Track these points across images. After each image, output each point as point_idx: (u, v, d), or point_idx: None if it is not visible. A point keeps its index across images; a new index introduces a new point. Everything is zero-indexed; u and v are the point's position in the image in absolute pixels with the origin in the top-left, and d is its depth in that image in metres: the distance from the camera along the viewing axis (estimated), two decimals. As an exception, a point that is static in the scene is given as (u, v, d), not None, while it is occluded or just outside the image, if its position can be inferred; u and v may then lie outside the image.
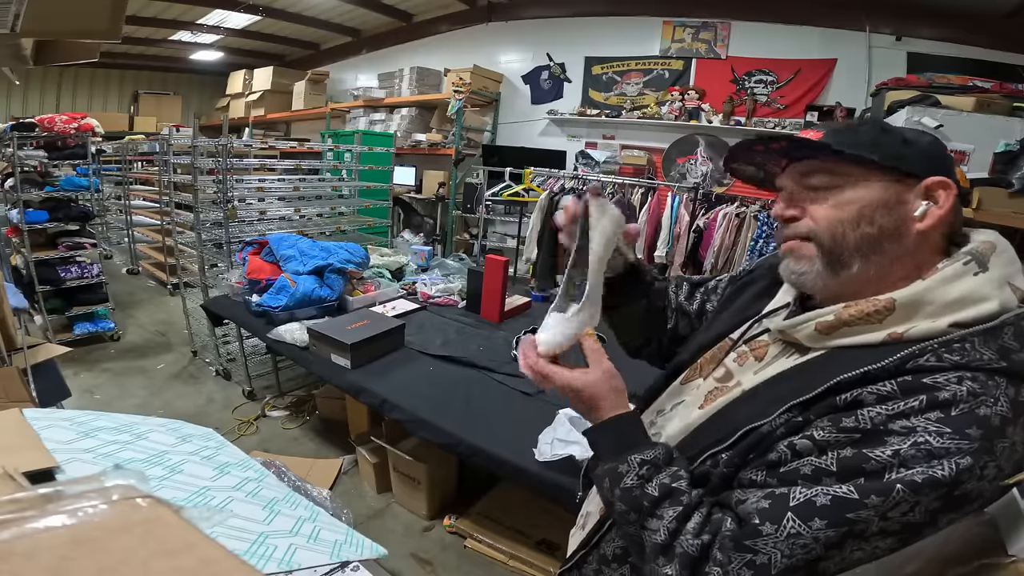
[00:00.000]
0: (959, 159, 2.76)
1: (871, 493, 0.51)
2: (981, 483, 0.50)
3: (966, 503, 0.51)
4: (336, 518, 0.84)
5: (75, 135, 3.54)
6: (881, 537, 0.53)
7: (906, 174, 0.59)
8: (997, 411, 0.50)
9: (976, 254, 0.56)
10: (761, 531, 0.54)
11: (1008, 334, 0.53)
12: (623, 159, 4.85)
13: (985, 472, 0.50)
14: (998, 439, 0.50)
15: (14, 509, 0.42)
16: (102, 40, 1.53)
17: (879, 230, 0.59)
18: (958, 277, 0.55)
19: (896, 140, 0.61)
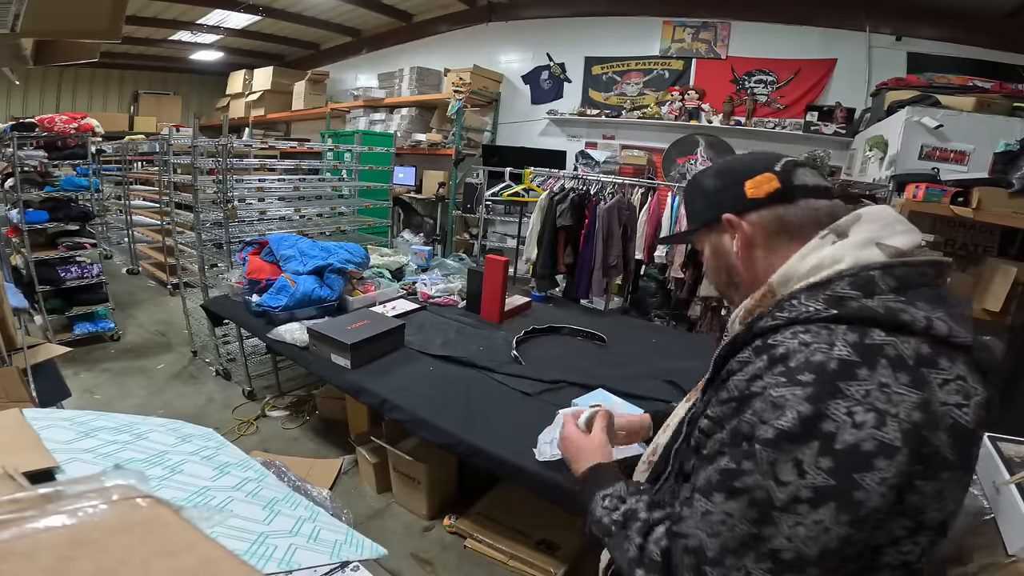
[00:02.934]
0: (959, 159, 2.76)
1: (743, 459, 0.55)
2: (864, 431, 0.51)
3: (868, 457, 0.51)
4: (336, 518, 0.84)
5: (75, 135, 3.54)
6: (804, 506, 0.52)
7: (711, 223, 0.73)
8: (834, 355, 0.53)
9: (836, 228, 0.64)
10: (684, 517, 0.60)
11: (842, 284, 0.59)
12: (623, 159, 4.84)
13: (856, 418, 0.51)
14: (844, 381, 0.52)
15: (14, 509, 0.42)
16: (102, 40, 1.53)
17: (726, 274, 0.75)
18: (814, 249, 0.63)
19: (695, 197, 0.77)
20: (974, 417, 0.55)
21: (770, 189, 0.69)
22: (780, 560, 0.54)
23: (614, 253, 3.21)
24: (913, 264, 0.60)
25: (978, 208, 2.43)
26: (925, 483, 0.54)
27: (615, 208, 3.23)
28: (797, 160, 0.71)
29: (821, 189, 0.70)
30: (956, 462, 0.54)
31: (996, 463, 1.24)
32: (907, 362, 0.53)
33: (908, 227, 0.64)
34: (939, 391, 0.54)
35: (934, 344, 0.55)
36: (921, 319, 0.55)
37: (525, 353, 2.13)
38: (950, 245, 2.75)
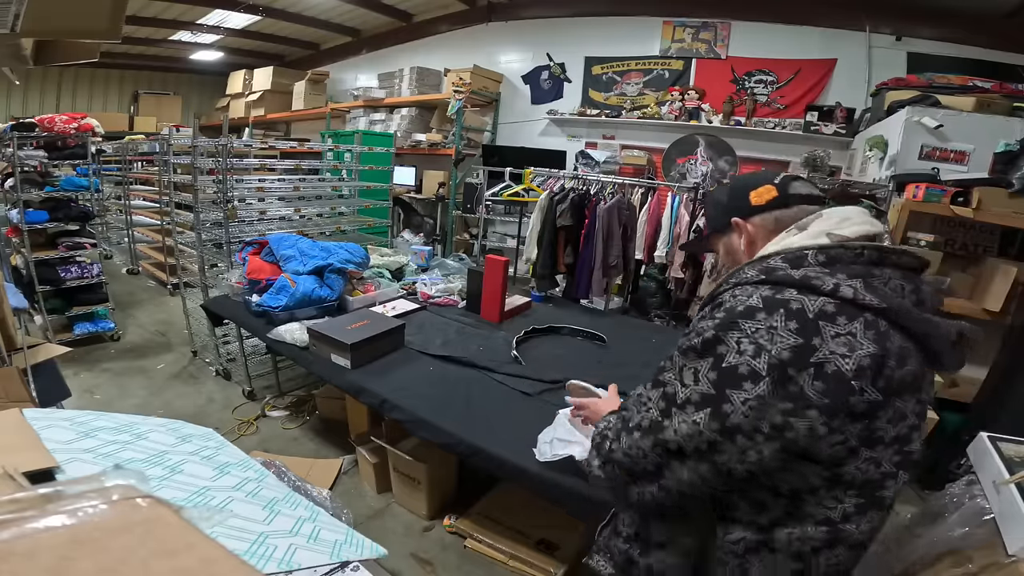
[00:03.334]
0: (959, 159, 2.76)
1: (667, 361, 0.78)
2: (743, 357, 0.67)
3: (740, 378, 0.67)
4: (336, 518, 0.84)
5: (75, 135, 3.54)
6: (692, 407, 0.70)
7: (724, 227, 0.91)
8: (745, 303, 0.70)
9: (800, 224, 0.80)
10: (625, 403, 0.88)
11: (776, 259, 0.75)
12: (623, 159, 4.85)
13: (742, 347, 0.67)
14: (742, 319, 0.69)
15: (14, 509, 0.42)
16: (102, 40, 1.53)
17: (732, 262, 0.92)
18: (778, 241, 0.80)
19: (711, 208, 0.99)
20: (854, 367, 0.65)
21: (769, 197, 0.85)
22: (667, 450, 0.72)
23: (614, 253, 3.21)
24: (849, 247, 0.73)
25: (978, 208, 2.43)
26: (796, 420, 0.66)
27: (615, 208, 3.23)
28: (793, 175, 0.89)
29: (813, 197, 0.85)
30: (825, 404, 0.65)
31: (996, 463, 1.24)
32: (806, 314, 0.67)
33: (863, 220, 0.77)
34: (830, 341, 0.65)
35: (840, 304, 0.67)
36: (830, 284, 0.68)
37: (525, 353, 2.13)
38: (950, 245, 2.75)
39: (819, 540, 0.73)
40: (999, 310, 2.42)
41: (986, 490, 1.22)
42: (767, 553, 0.75)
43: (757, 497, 0.73)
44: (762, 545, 0.75)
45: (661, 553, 0.85)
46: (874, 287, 0.69)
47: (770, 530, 0.74)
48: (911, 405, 0.72)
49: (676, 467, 0.72)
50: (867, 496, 0.73)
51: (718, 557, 0.78)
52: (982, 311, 2.51)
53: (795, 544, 0.74)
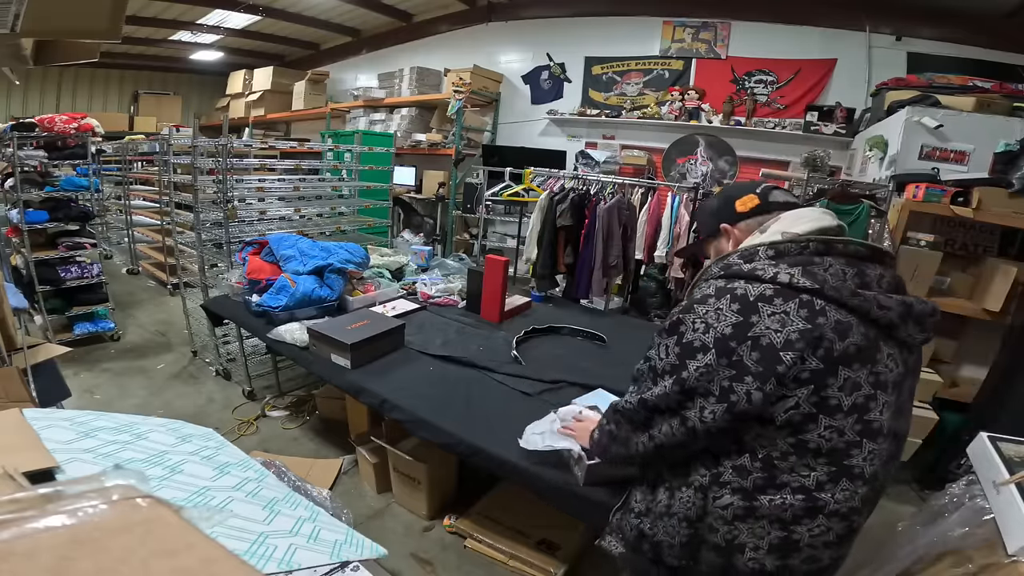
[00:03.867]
0: (959, 159, 2.76)
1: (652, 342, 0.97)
2: (696, 334, 0.86)
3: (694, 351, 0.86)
4: (336, 518, 0.84)
5: (75, 135, 3.53)
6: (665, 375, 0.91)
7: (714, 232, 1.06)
8: (703, 292, 0.90)
9: (763, 228, 0.96)
10: None
11: (734, 256, 0.92)
12: (623, 159, 4.85)
13: (695, 325, 0.87)
14: (698, 305, 0.88)
15: (14, 509, 0.42)
16: (102, 40, 1.53)
17: None
18: (745, 244, 0.94)
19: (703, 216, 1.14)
20: (783, 339, 0.80)
21: (752, 204, 1.00)
22: (648, 407, 0.94)
23: (614, 253, 3.21)
24: (796, 241, 0.87)
25: (978, 208, 2.43)
26: (736, 384, 0.82)
27: (615, 208, 3.23)
28: (773, 185, 1.04)
29: (790, 204, 1.00)
30: (758, 372, 0.80)
31: (996, 463, 1.24)
32: (748, 298, 0.83)
33: (816, 218, 0.91)
34: (765, 318, 0.81)
35: (777, 289, 0.82)
36: (771, 272, 0.83)
37: (525, 353, 2.13)
38: (950, 245, 2.75)
39: (798, 508, 0.84)
40: (999, 310, 2.42)
41: (986, 490, 1.22)
42: (753, 520, 0.86)
43: (738, 463, 0.87)
44: (748, 513, 0.86)
45: (667, 521, 0.96)
46: (812, 273, 0.82)
47: (754, 496, 0.85)
48: (864, 375, 0.82)
49: (658, 420, 0.92)
50: (836, 464, 0.83)
51: (709, 524, 0.90)
52: (982, 311, 2.51)
53: (776, 511, 0.84)
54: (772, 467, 0.84)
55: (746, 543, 0.87)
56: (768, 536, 0.86)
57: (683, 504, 0.93)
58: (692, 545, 0.93)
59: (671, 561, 0.97)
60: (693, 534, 0.93)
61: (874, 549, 1.82)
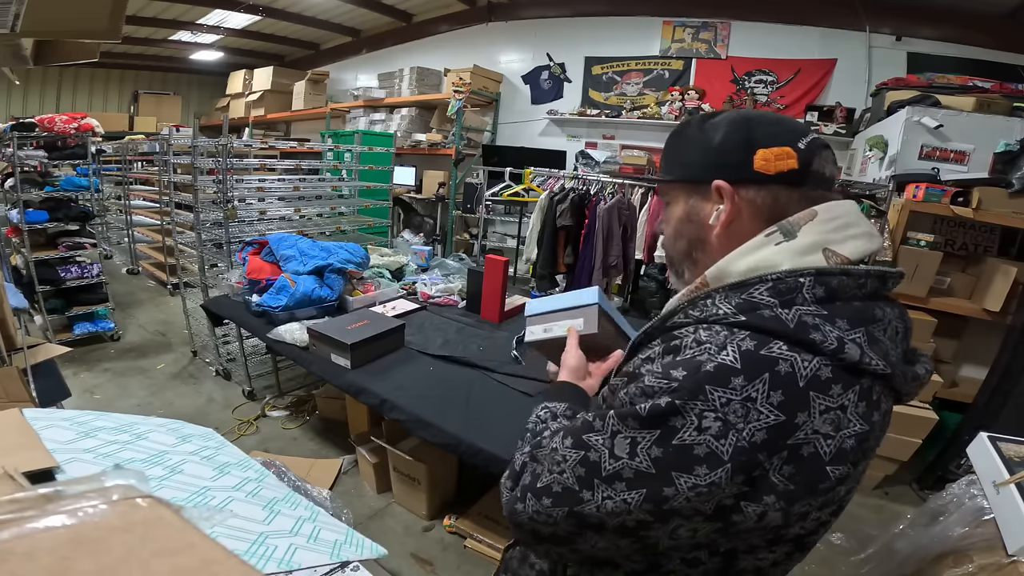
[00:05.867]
0: (959, 159, 2.76)
1: (597, 419, 0.57)
2: (703, 436, 0.50)
3: (692, 460, 0.50)
4: (336, 518, 0.84)
5: (75, 135, 3.53)
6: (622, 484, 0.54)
7: (700, 183, 0.64)
8: (719, 359, 0.51)
9: (785, 226, 0.58)
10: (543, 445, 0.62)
11: (761, 290, 0.54)
12: (623, 159, 4.85)
13: (704, 424, 0.50)
14: (711, 385, 0.50)
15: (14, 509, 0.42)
16: (102, 40, 1.53)
17: (687, 243, 0.67)
18: (755, 248, 0.58)
19: (690, 144, 0.66)
20: (834, 450, 0.51)
21: (784, 167, 0.59)
22: (585, 523, 0.56)
23: (614, 253, 3.22)
24: (854, 274, 0.54)
25: (978, 208, 2.43)
26: (748, 504, 0.52)
27: (615, 208, 3.23)
28: (824, 143, 0.61)
29: (831, 180, 0.62)
30: (789, 490, 0.52)
31: (996, 463, 1.24)
32: (796, 382, 0.50)
33: (866, 230, 0.59)
34: (816, 418, 0.50)
35: (837, 369, 0.51)
36: (833, 340, 0.51)
37: (525, 353, 2.13)
38: (950, 245, 2.75)
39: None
40: (999, 310, 2.42)
41: (986, 490, 1.22)
42: None
43: (692, 555, 0.62)
44: None
45: None
46: (877, 339, 0.53)
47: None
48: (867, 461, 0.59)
49: (591, 537, 0.58)
50: (799, 545, 0.64)
51: None
52: (982, 311, 2.51)
53: None
54: (733, 559, 0.62)
55: None
56: None
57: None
58: None
59: None
60: None
61: (874, 549, 1.82)
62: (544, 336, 0.95)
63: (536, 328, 0.96)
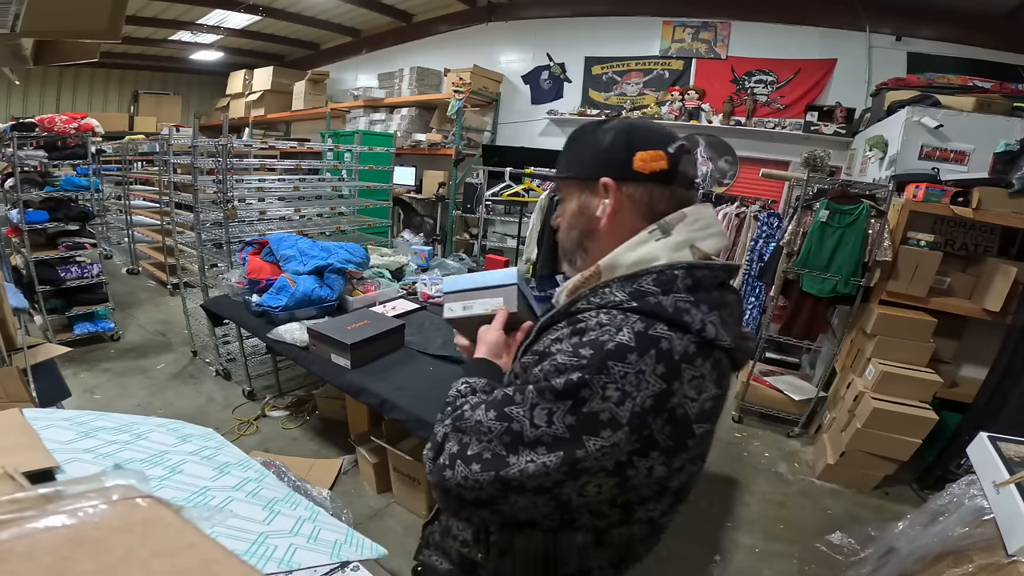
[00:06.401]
0: (959, 159, 2.76)
1: (517, 393, 0.67)
2: (606, 404, 0.62)
3: (599, 425, 0.62)
4: (336, 518, 0.84)
5: (75, 135, 3.54)
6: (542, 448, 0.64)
7: (589, 179, 0.75)
8: (617, 339, 0.62)
9: (663, 224, 0.71)
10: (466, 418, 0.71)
11: (647, 280, 0.67)
12: (623, 159, 4.84)
13: (607, 393, 0.61)
14: (613, 361, 0.61)
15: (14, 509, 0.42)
16: (102, 40, 1.53)
17: (579, 233, 0.78)
18: (640, 244, 0.71)
19: (581, 146, 0.78)
20: (698, 411, 0.65)
21: (656, 168, 0.71)
22: (508, 486, 0.66)
23: (614, 253, 3.21)
24: (711, 267, 0.69)
25: (978, 208, 2.43)
26: (641, 459, 0.65)
27: (615, 208, 3.23)
28: (688, 148, 0.75)
29: (692, 181, 0.76)
30: (669, 446, 0.65)
31: (996, 463, 1.24)
32: (673, 357, 0.63)
33: (720, 230, 0.74)
34: (685, 385, 0.63)
35: (700, 345, 0.64)
36: (698, 321, 0.64)
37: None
38: (950, 245, 2.75)
39: (642, 534, 0.79)
40: (999, 310, 2.42)
41: (986, 490, 1.22)
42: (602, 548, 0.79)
43: (597, 509, 0.73)
44: (599, 543, 0.78)
45: (508, 560, 0.80)
46: (726, 321, 0.67)
47: (606, 532, 0.77)
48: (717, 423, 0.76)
49: (513, 497, 0.68)
50: (678, 496, 0.78)
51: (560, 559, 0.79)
52: (982, 311, 2.51)
53: (623, 539, 0.78)
54: (629, 510, 0.74)
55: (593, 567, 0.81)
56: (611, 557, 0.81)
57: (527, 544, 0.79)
58: None
59: None
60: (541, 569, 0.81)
61: (874, 549, 1.82)
62: (463, 314, 0.99)
63: (455, 305, 1.01)
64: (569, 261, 0.82)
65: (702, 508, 2.32)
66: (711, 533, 2.18)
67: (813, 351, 3.32)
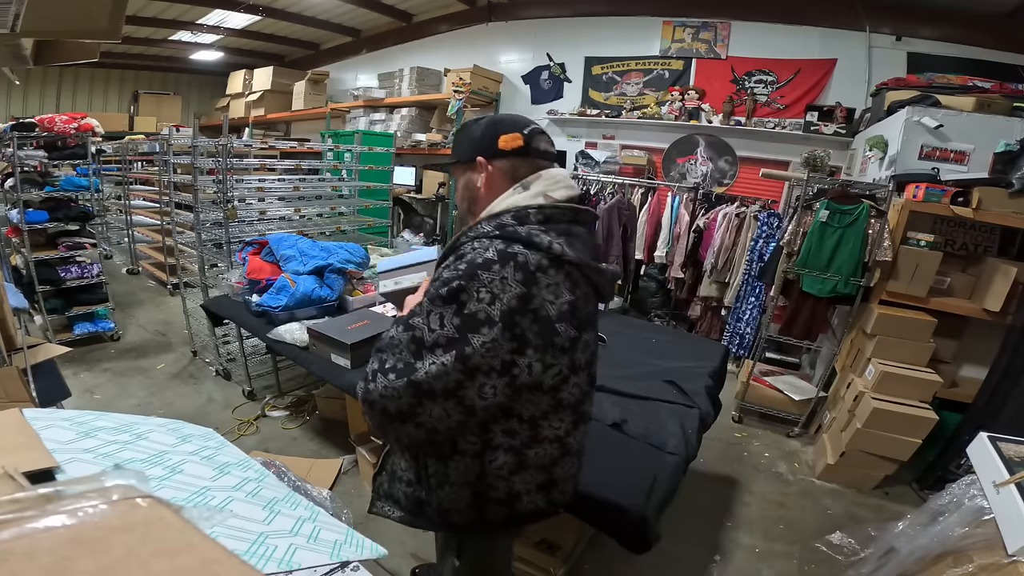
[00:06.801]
0: (959, 159, 2.76)
1: (418, 307, 0.85)
2: (481, 305, 0.80)
3: (479, 323, 0.79)
4: (336, 518, 0.84)
5: (75, 135, 3.53)
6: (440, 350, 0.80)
7: (469, 161, 0.98)
8: (484, 256, 0.82)
9: (523, 183, 0.94)
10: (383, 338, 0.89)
11: (507, 216, 0.88)
12: (623, 159, 4.85)
13: (480, 295, 0.80)
14: (482, 271, 0.80)
15: (14, 509, 0.42)
16: (102, 40, 1.53)
17: (468, 202, 1.01)
18: (506, 197, 0.93)
19: (461, 138, 1.02)
20: (556, 312, 0.84)
21: (515, 145, 0.94)
22: (420, 389, 0.81)
23: (614, 253, 3.21)
24: (559, 207, 0.91)
25: (978, 208, 2.43)
26: (520, 357, 0.82)
27: (615, 208, 3.23)
28: (541, 129, 1.00)
29: (549, 153, 0.99)
30: (539, 343, 0.83)
31: (996, 463, 1.24)
32: (528, 267, 0.81)
33: (570, 184, 0.96)
34: (543, 290, 0.82)
35: (551, 260, 0.84)
36: (546, 242, 0.84)
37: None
38: (950, 245, 2.75)
39: (555, 454, 0.96)
40: (999, 310, 2.42)
41: (986, 490, 1.22)
42: (524, 471, 0.94)
43: (508, 426, 0.90)
44: (520, 466, 0.94)
45: (447, 490, 0.96)
46: (573, 244, 0.87)
47: (523, 452, 0.92)
48: (592, 336, 0.95)
49: (428, 405, 0.82)
50: (576, 413, 0.97)
51: (488, 483, 0.94)
52: (982, 311, 2.51)
53: (540, 460, 0.95)
54: (536, 426, 0.91)
55: (521, 490, 0.96)
56: (536, 480, 0.96)
57: (459, 472, 0.94)
58: (477, 504, 0.97)
59: (459, 520, 1.00)
60: (476, 494, 0.96)
61: (874, 549, 1.82)
62: (395, 288, 1.21)
63: (388, 282, 1.23)
64: (464, 223, 1.01)
65: (702, 508, 2.32)
66: (711, 533, 2.18)
67: (813, 351, 3.32)
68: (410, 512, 1.07)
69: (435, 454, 0.95)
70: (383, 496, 1.14)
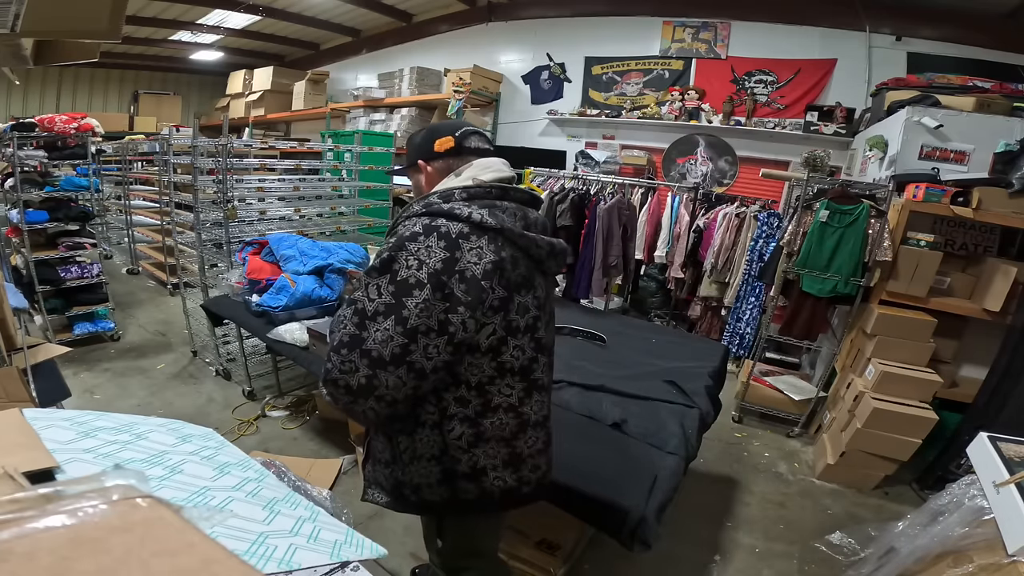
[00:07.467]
0: (959, 159, 2.76)
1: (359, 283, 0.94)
2: (410, 271, 0.89)
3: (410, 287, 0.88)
4: (336, 518, 0.84)
5: (75, 135, 3.53)
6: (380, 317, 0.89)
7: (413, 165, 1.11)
8: (412, 230, 0.93)
9: (457, 172, 1.04)
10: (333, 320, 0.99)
11: (434, 197, 0.99)
12: (623, 159, 4.85)
13: (409, 263, 0.89)
14: (409, 242, 0.91)
15: (14, 509, 0.42)
16: (102, 40, 1.53)
17: (417, 195, 1.09)
18: (442, 184, 1.04)
19: (409, 147, 1.15)
20: (482, 271, 0.91)
21: (448, 146, 1.05)
22: (371, 357, 0.89)
23: (614, 253, 3.21)
24: (482, 186, 1.00)
25: (978, 208, 2.43)
26: (453, 315, 0.90)
27: (615, 208, 3.23)
28: (473, 130, 1.09)
29: (483, 150, 1.08)
30: (468, 300, 0.90)
31: (996, 463, 1.24)
32: (451, 235, 0.91)
33: (500, 168, 1.06)
34: (467, 254, 0.91)
35: (472, 226, 0.93)
36: (466, 213, 0.93)
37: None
38: (950, 245, 2.75)
39: (513, 425, 1.02)
40: (999, 310, 2.42)
41: (986, 490, 1.22)
42: (484, 443, 1.01)
43: (458, 394, 0.97)
44: (478, 437, 1.00)
45: (418, 465, 1.03)
46: (496, 215, 0.96)
47: (478, 421, 0.99)
48: (529, 300, 1.01)
49: (382, 375, 0.89)
50: (526, 380, 1.02)
51: (452, 456, 1.01)
52: (982, 311, 2.51)
53: (498, 431, 1.01)
54: (484, 392, 0.98)
55: (486, 465, 1.02)
56: (500, 454, 1.02)
57: (425, 445, 1.01)
58: (447, 480, 1.03)
59: (434, 498, 1.06)
60: (444, 469, 1.02)
61: (874, 549, 1.82)
62: None
63: None
64: None
65: (702, 508, 2.32)
66: (711, 533, 2.18)
67: (813, 351, 3.32)
68: (393, 495, 1.12)
69: (403, 430, 1.02)
70: (371, 483, 1.19)
